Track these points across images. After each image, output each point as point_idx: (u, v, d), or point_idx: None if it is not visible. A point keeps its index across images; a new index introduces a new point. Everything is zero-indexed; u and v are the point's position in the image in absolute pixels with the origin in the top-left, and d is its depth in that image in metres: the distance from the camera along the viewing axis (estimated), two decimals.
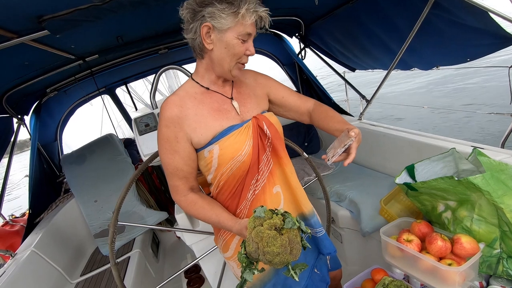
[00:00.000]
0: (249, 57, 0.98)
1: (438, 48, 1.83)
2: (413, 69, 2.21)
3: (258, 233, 0.79)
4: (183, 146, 0.96)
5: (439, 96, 8.55)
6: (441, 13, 1.55)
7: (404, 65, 2.17)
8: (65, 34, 1.32)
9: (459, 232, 1.16)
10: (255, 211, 0.84)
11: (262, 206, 0.86)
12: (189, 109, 0.97)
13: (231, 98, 1.04)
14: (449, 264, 1.06)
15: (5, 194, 2.13)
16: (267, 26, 0.94)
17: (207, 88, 1.02)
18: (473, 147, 1.35)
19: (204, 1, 0.86)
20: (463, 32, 1.59)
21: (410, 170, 1.38)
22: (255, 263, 0.84)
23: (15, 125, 2.27)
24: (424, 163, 1.37)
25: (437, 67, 2.05)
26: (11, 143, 2.23)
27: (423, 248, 1.16)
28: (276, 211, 0.85)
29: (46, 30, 1.26)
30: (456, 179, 1.09)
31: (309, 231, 0.87)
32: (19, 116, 2.27)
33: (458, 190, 1.13)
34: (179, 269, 1.41)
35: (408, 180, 1.38)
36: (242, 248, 0.85)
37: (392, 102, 8.03)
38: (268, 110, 1.15)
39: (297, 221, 0.83)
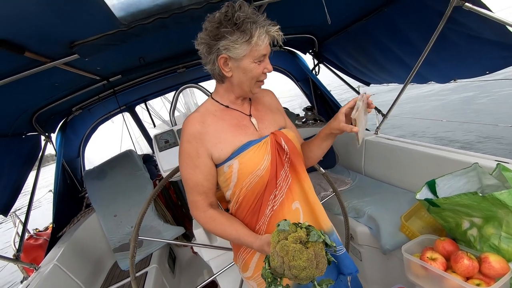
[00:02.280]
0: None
1: (455, 61, 1.82)
2: (429, 82, 2.19)
3: (283, 246, 0.76)
4: (204, 161, 0.99)
5: (457, 109, 8.34)
6: (456, 27, 1.55)
7: (420, 79, 2.16)
8: (92, 57, 1.41)
9: (486, 250, 1.11)
10: (278, 225, 0.82)
11: (286, 220, 0.83)
12: (210, 125, 1.00)
13: (250, 115, 1.07)
14: (478, 285, 1.01)
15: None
16: (280, 43, 0.96)
17: (227, 106, 1.06)
18: (497, 162, 1.31)
19: (217, 34, 0.89)
20: (480, 45, 1.58)
21: (431, 186, 1.35)
22: (279, 279, 0.82)
23: (43, 142, 2.39)
24: (446, 178, 1.34)
25: (454, 80, 2.02)
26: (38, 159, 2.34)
27: (448, 267, 1.12)
28: (299, 224, 0.83)
29: (76, 54, 1.35)
30: (481, 195, 1.06)
31: (334, 244, 0.83)
32: (47, 134, 2.39)
33: (483, 207, 1.09)
34: (196, 285, 1.41)
35: (430, 195, 1.35)
36: (265, 263, 0.83)
37: (409, 115, 7.89)
38: None
39: (322, 234, 0.80)
